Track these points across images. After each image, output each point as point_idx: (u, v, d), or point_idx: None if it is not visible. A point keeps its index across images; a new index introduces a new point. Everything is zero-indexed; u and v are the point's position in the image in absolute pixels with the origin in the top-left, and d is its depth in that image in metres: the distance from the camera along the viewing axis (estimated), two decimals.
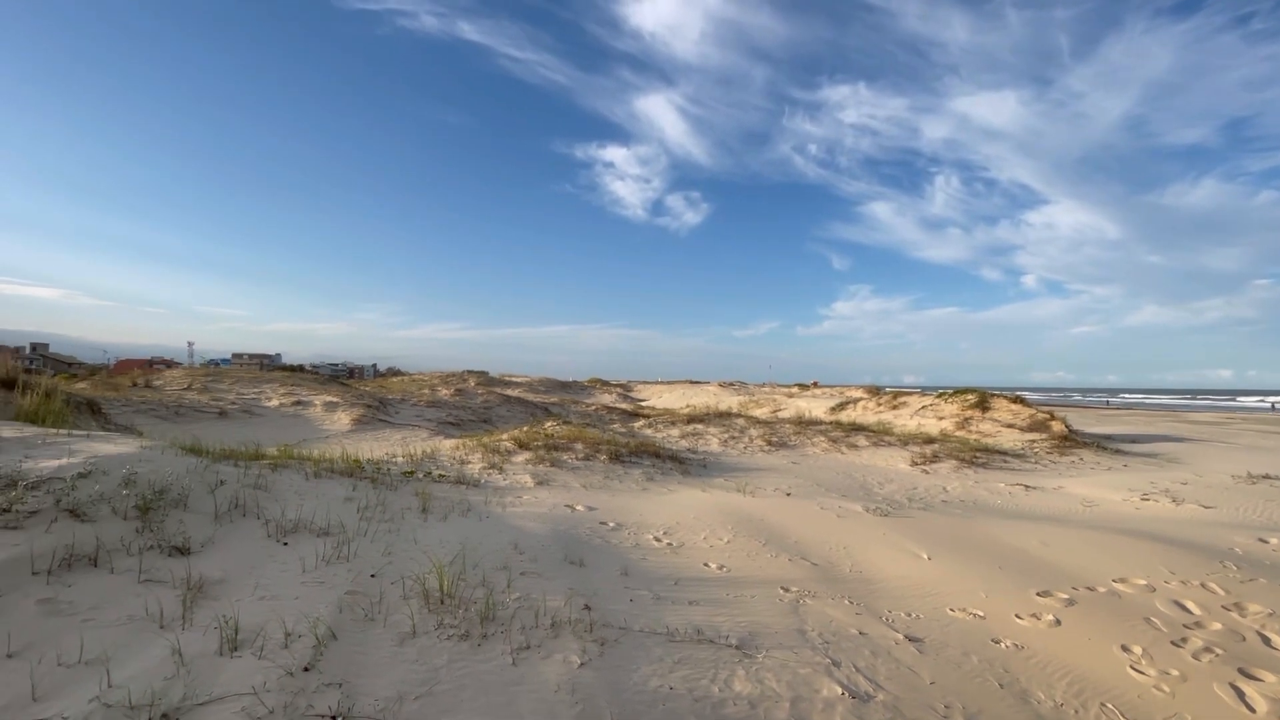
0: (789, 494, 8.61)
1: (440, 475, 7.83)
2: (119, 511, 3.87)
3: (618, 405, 34.39)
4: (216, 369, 25.13)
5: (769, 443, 13.91)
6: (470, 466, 8.90)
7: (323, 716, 2.43)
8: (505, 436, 11.20)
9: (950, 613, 4.18)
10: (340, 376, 48.66)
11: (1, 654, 2.56)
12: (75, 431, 6.02)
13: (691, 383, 62.53)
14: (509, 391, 32.55)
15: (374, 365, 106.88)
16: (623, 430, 15.38)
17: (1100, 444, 15.57)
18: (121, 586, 3.24)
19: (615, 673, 3.05)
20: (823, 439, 14.24)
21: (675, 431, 15.29)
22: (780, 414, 25.63)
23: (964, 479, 10.48)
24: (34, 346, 67.60)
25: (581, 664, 3.09)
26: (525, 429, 12.40)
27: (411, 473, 7.62)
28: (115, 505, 3.90)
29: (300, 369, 46.07)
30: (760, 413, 27.46)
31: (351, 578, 3.82)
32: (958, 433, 17.29)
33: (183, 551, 3.76)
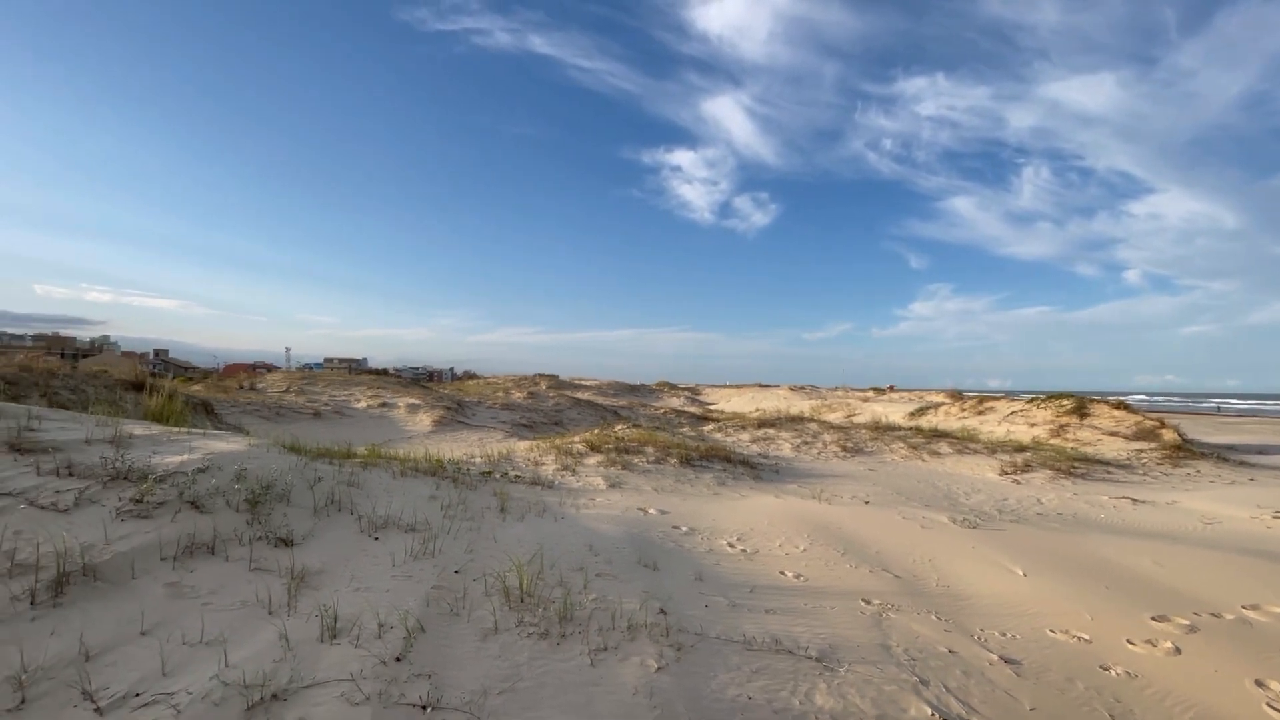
0: (867, 502, 8.30)
1: (516, 476, 8.05)
2: (232, 504, 4.20)
3: (686, 409, 34.31)
4: (310, 372, 26.95)
5: (844, 448, 13.47)
6: (544, 468, 9.10)
7: (414, 705, 2.53)
8: (577, 439, 11.39)
9: (1051, 634, 3.90)
10: (421, 380, 51.08)
11: (136, 631, 2.83)
12: (194, 430, 6.60)
13: (761, 386, 61.52)
14: (579, 394, 33.14)
15: (451, 369, 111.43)
16: (692, 434, 15.31)
17: (1221, 455, 14.12)
18: (235, 573, 3.51)
19: (692, 679, 3.03)
20: (902, 445, 13.65)
21: (746, 436, 15.07)
22: (855, 419, 24.77)
23: (1061, 490, 9.76)
24: (157, 353, 75.07)
25: (658, 668, 3.09)
26: (596, 432, 12.57)
27: (489, 473, 7.87)
28: (229, 498, 4.23)
29: (385, 372, 48.69)
30: (834, 417, 26.67)
31: (437, 573, 3.98)
32: (1052, 441, 16.14)
33: (287, 543, 4.04)
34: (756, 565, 5.14)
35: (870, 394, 42.67)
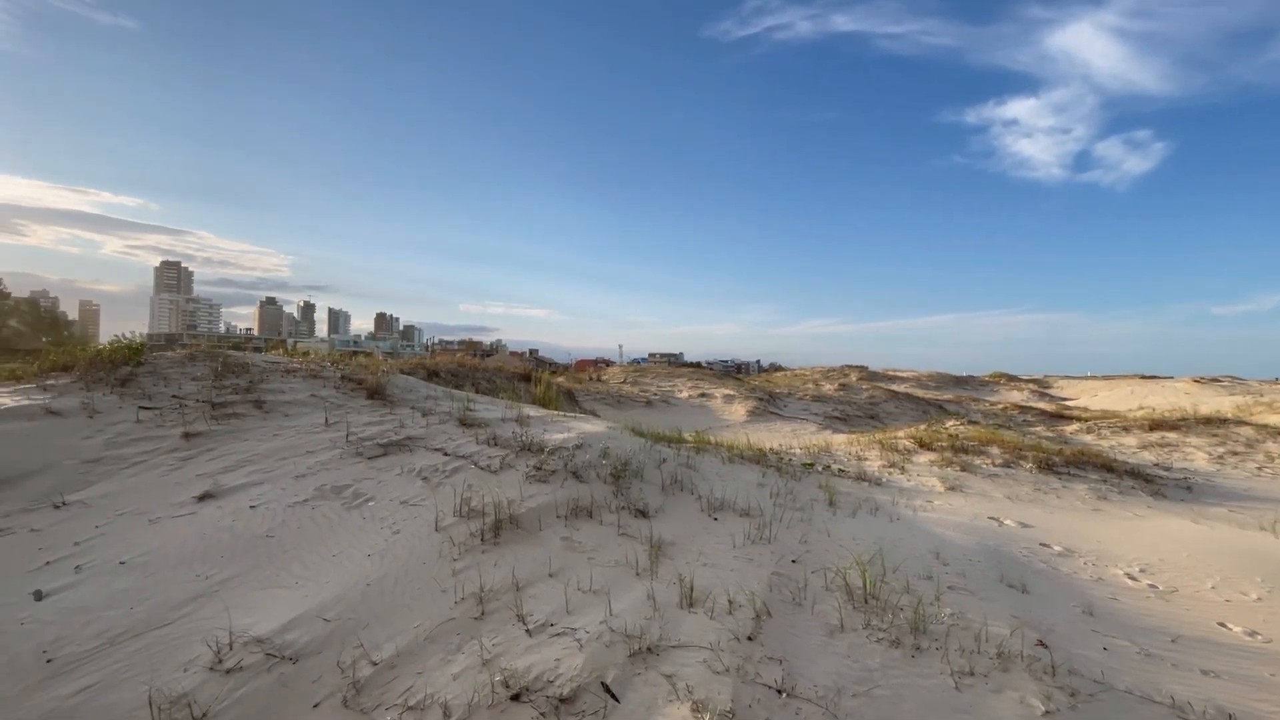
0: None
1: (840, 470, 7.77)
2: (600, 476, 4.95)
3: (1033, 404, 28.85)
4: (639, 367, 30.60)
5: None
6: (869, 463, 8.59)
7: (770, 687, 2.58)
8: (902, 434, 10.48)
9: None
10: (731, 372, 53.75)
11: (545, 573, 3.51)
12: (566, 414, 8.03)
13: (1143, 378, 47.86)
14: (895, 387, 30.60)
15: (758, 361, 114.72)
16: (1049, 434, 12.74)
17: None
18: (607, 536, 4.11)
19: None
20: None
21: (1130, 440, 11.91)
22: None
23: None
24: (531, 351, 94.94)
25: (1046, 712, 2.57)
26: (924, 427, 11.39)
27: (810, 465, 7.76)
28: (598, 471, 5.00)
29: (699, 365, 52.61)
30: (1279, 420, 19.28)
31: (775, 560, 4.03)
32: None
33: (643, 514, 4.57)
34: (1175, 608, 3.95)
35: None
